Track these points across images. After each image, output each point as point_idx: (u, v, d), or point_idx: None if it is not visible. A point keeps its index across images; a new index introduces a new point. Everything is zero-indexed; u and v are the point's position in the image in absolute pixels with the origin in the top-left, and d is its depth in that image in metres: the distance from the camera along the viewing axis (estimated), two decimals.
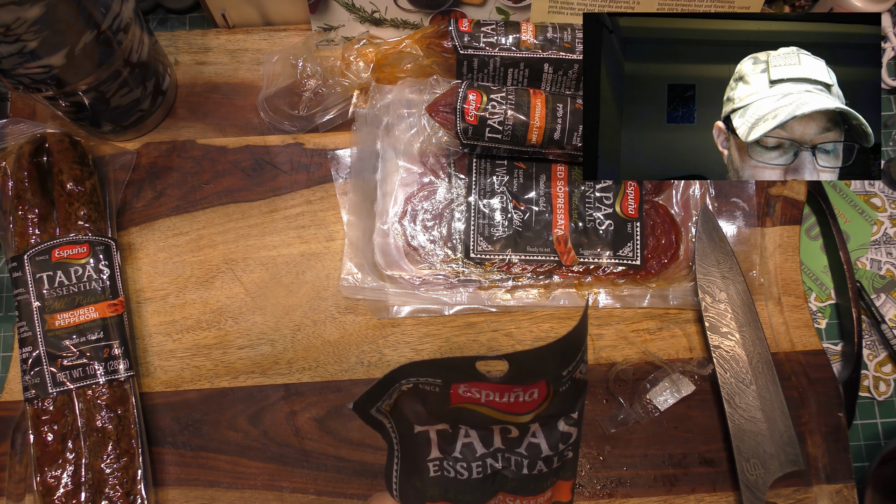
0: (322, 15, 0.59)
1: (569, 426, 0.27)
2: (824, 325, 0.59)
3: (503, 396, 0.25)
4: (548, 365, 0.25)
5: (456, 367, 0.25)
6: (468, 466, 0.27)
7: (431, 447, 0.27)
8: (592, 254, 0.53)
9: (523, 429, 0.27)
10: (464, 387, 0.26)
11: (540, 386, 0.25)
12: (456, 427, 0.27)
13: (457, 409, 0.26)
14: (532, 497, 0.28)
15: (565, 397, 0.26)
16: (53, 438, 0.48)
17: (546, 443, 0.27)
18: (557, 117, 0.51)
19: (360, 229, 0.55)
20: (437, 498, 0.28)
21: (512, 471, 0.28)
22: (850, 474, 0.51)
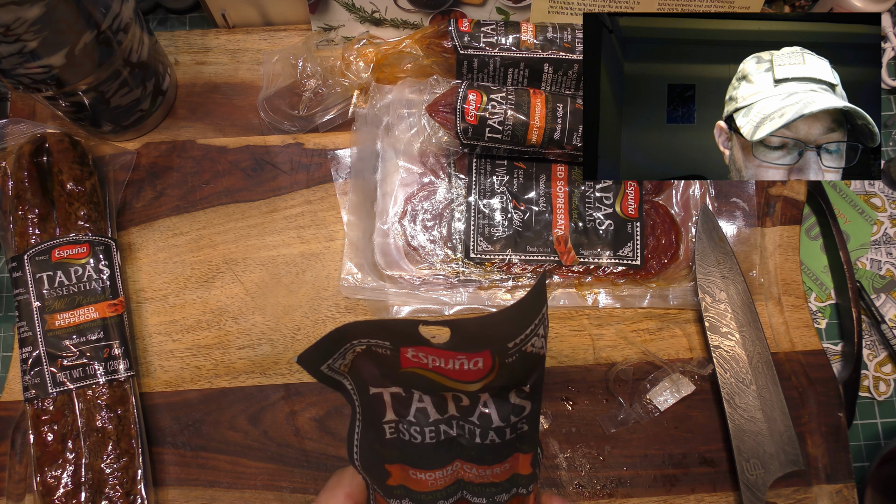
0: (322, 15, 0.59)
1: (521, 399, 0.27)
2: (824, 325, 0.59)
3: (448, 363, 0.26)
4: (490, 335, 0.25)
5: (400, 329, 0.25)
6: (422, 431, 0.27)
7: (387, 409, 0.28)
8: (592, 254, 0.53)
9: (473, 398, 0.27)
10: (412, 351, 0.26)
11: (484, 356, 0.25)
12: (409, 391, 0.27)
13: (407, 373, 0.26)
14: (489, 467, 0.28)
15: (514, 370, 0.26)
16: (53, 438, 0.48)
17: (497, 414, 0.27)
18: (557, 117, 0.51)
19: (360, 229, 0.55)
20: (394, 460, 0.28)
21: (466, 439, 0.28)
22: (850, 474, 0.51)
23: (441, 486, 0.29)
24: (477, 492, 0.30)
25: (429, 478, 0.29)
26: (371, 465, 0.29)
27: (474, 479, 0.29)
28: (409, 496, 0.29)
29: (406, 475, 0.29)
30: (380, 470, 0.29)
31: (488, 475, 0.29)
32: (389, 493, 0.29)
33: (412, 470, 0.29)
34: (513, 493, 0.30)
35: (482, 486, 0.29)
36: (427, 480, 0.29)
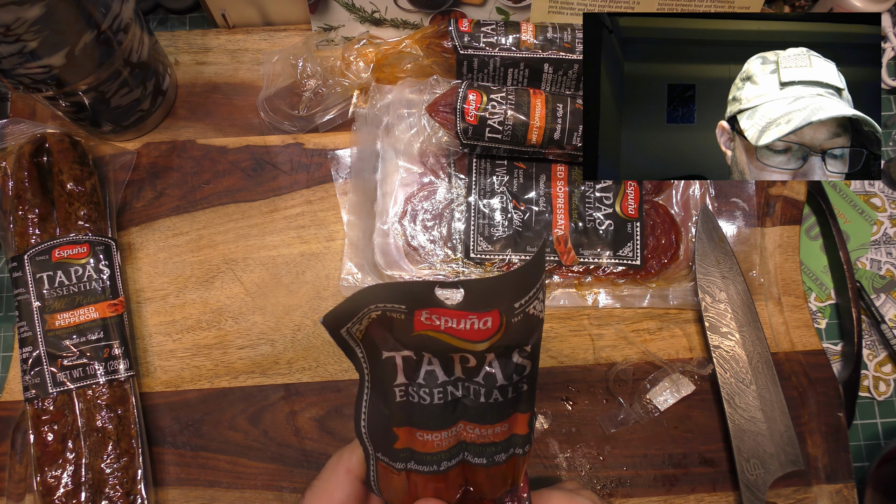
0: (322, 15, 0.59)
1: (522, 359, 0.29)
2: (824, 325, 0.59)
3: (460, 323, 0.28)
4: (500, 295, 0.27)
5: (418, 292, 0.27)
6: (430, 392, 0.30)
7: (398, 373, 0.30)
8: (592, 254, 0.53)
9: (480, 358, 0.29)
10: (426, 313, 0.28)
11: (493, 315, 0.28)
12: (420, 354, 0.29)
13: (420, 336, 0.28)
14: (490, 426, 0.31)
15: (518, 330, 0.28)
16: (53, 438, 0.48)
17: (501, 373, 0.29)
18: (557, 117, 0.51)
19: (360, 229, 0.55)
20: (402, 423, 0.30)
21: (471, 399, 0.30)
22: (850, 474, 0.51)
23: (445, 447, 0.31)
24: (477, 452, 0.32)
25: (434, 438, 0.30)
26: (378, 431, 0.31)
27: (475, 440, 0.31)
28: (414, 458, 0.31)
29: (412, 438, 0.31)
30: (387, 434, 0.31)
31: (489, 434, 0.31)
32: (395, 456, 0.31)
33: (419, 432, 0.30)
34: (510, 452, 0.32)
35: (482, 447, 0.31)
36: (433, 441, 0.31)
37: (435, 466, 0.31)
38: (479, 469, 0.32)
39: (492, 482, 0.33)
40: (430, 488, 0.32)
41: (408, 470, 0.31)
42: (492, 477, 0.33)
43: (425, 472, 0.31)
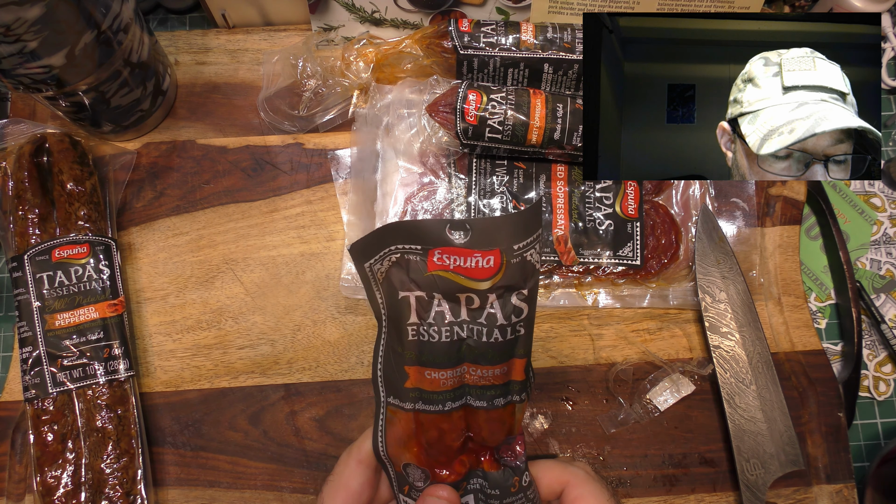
0: (322, 15, 0.59)
1: (520, 301, 0.33)
2: (824, 325, 0.59)
3: (466, 261, 0.31)
4: (501, 234, 0.31)
5: (432, 230, 0.31)
6: (438, 331, 0.33)
7: (411, 312, 0.33)
8: (592, 254, 0.53)
9: (483, 298, 0.32)
10: (438, 253, 0.31)
11: (495, 254, 0.31)
12: (431, 294, 0.32)
13: (432, 276, 0.32)
14: (490, 367, 0.34)
15: (516, 271, 0.32)
16: (53, 438, 0.48)
17: (501, 313, 0.33)
18: (557, 117, 0.51)
19: (360, 229, 0.55)
20: (412, 361, 0.33)
21: (474, 339, 0.33)
22: (850, 474, 0.51)
23: (450, 387, 0.34)
24: (478, 395, 0.35)
25: (441, 377, 0.33)
26: (392, 371, 0.34)
27: (477, 382, 0.34)
28: (422, 398, 0.34)
29: (421, 376, 0.34)
30: (399, 373, 0.34)
31: (489, 377, 0.34)
32: (405, 396, 0.34)
33: (427, 370, 0.33)
34: (508, 399, 0.35)
35: (483, 389, 0.34)
36: (439, 380, 0.34)
37: (440, 406, 0.34)
38: (479, 412, 0.35)
39: (490, 427, 0.36)
40: (435, 429, 0.35)
41: (415, 410, 0.34)
42: (491, 421, 0.35)
43: (431, 412, 0.34)
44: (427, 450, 0.35)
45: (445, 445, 0.36)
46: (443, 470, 0.36)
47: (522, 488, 0.37)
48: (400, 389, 0.34)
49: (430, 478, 0.36)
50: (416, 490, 0.36)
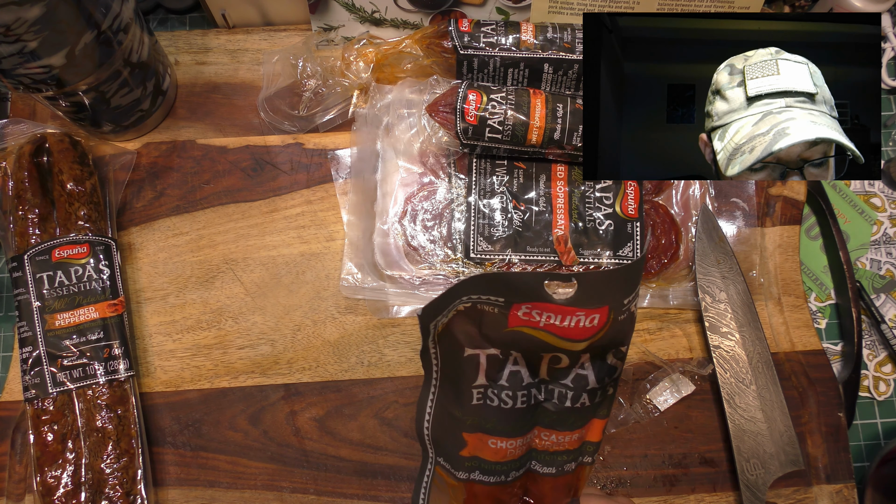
0: (322, 15, 0.59)
1: (616, 359, 0.28)
2: (824, 325, 0.59)
3: (564, 320, 0.26)
4: (613, 290, 0.26)
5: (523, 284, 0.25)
6: (513, 395, 0.27)
7: (479, 373, 0.28)
8: (592, 254, 0.53)
9: (574, 358, 0.27)
10: (525, 307, 0.26)
11: (602, 312, 0.26)
12: (506, 353, 0.27)
13: (513, 332, 0.26)
14: (568, 432, 0.29)
15: (620, 328, 0.27)
16: (53, 438, 0.48)
17: (594, 375, 0.28)
18: (557, 117, 0.51)
19: (360, 229, 0.55)
20: (474, 429, 0.28)
21: (554, 403, 0.28)
22: (850, 474, 0.51)
23: (517, 456, 0.29)
24: (547, 461, 0.30)
25: (508, 446, 0.29)
26: (444, 435, 0.29)
27: (548, 448, 0.30)
28: (479, 468, 0.29)
29: (483, 445, 0.29)
30: (455, 439, 0.29)
31: (564, 442, 0.29)
32: (459, 465, 0.29)
33: (492, 439, 0.28)
34: (579, 461, 0.31)
35: (554, 455, 0.30)
36: (505, 449, 0.29)
37: (503, 477, 0.29)
38: (545, 479, 0.30)
39: (555, 494, 0.31)
40: (491, 499, 0.30)
41: (471, 480, 0.30)
42: (557, 488, 0.31)
43: (490, 483, 0.29)
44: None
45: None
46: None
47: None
48: (454, 457, 0.29)
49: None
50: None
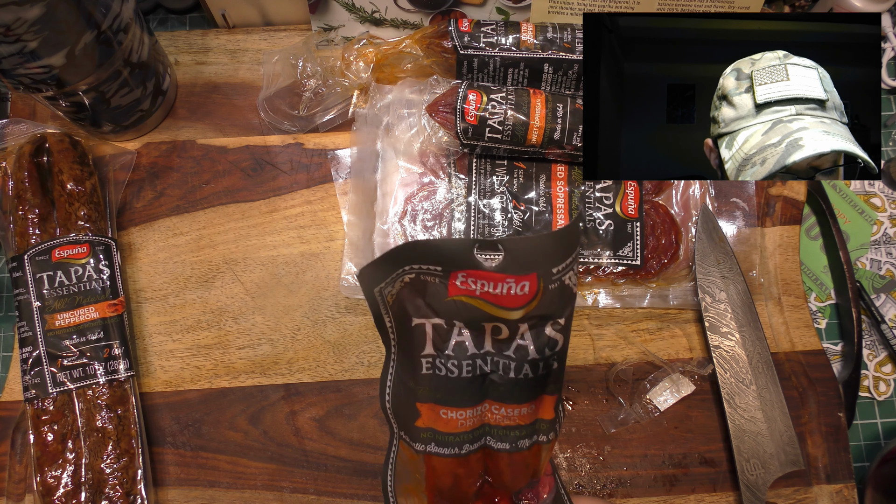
0: (322, 15, 0.59)
1: (555, 331, 0.28)
2: (824, 325, 0.59)
3: (497, 287, 0.27)
4: (539, 257, 0.27)
5: (456, 251, 0.26)
6: (458, 365, 0.29)
7: (426, 342, 0.29)
8: (592, 254, 0.53)
9: (513, 328, 0.28)
10: (462, 276, 0.27)
11: (531, 279, 0.27)
12: (451, 323, 0.28)
13: (454, 301, 0.27)
14: (516, 405, 0.29)
15: (553, 298, 0.28)
16: (53, 438, 0.48)
17: (533, 345, 0.28)
18: (557, 117, 0.51)
19: (361, 229, 0.55)
20: (426, 399, 0.29)
21: (500, 375, 0.29)
22: (850, 474, 0.51)
23: (469, 428, 0.30)
24: (501, 436, 0.30)
25: (458, 417, 0.29)
26: (401, 406, 0.30)
27: (500, 422, 0.30)
28: (434, 439, 0.30)
29: (436, 416, 0.29)
30: (410, 410, 0.30)
31: (514, 416, 0.30)
32: (416, 436, 0.30)
33: (443, 409, 0.29)
34: (534, 439, 0.31)
35: (506, 430, 0.30)
36: (456, 420, 0.29)
37: (456, 449, 0.30)
38: (501, 456, 0.31)
39: (513, 471, 0.32)
40: (450, 475, 0.31)
41: (427, 453, 0.30)
42: (513, 465, 0.31)
43: (446, 455, 0.30)
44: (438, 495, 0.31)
45: (460, 492, 0.31)
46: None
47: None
48: (411, 428, 0.30)
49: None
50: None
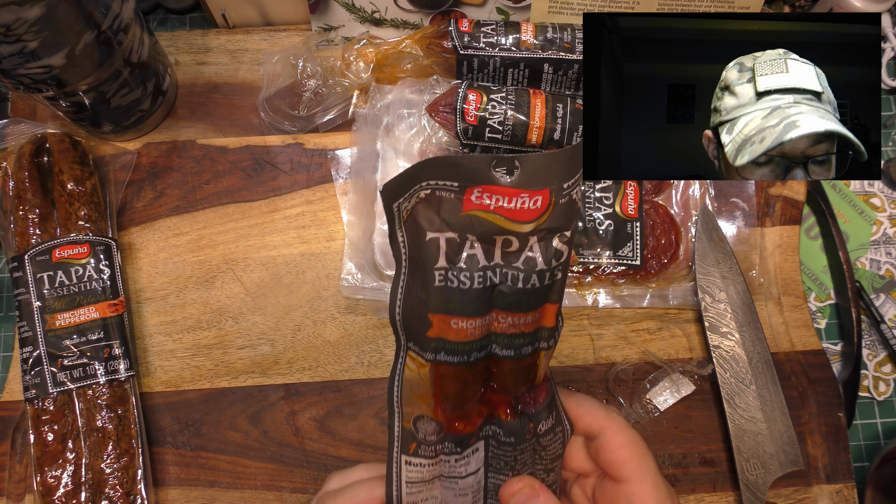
0: (322, 15, 0.59)
1: (562, 243, 0.30)
2: (824, 325, 0.59)
3: (511, 202, 0.29)
4: (553, 172, 0.29)
5: (474, 167, 0.28)
6: (471, 276, 0.30)
7: (440, 255, 0.30)
8: (592, 254, 0.53)
9: (523, 241, 0.30)
10: (477, 191, 0.29)
11: (544, 194, 0.29)
12: (463, 237, 0.30)
13: (468, 216, 0.29)
14: (522, 314, 0.31)
15: (562, 212, 0.30)
16: (53, 438, 0.48)
17: (542, 257, 0.30)
18: (557, 117, 0.51)
19: (360, 229, 0.55)
20: (437, 310, 0.31)
21: (508, 285, 0.31)
22: (850, 474, 0.51)
23: (477, 337, 0.32)
24: (506, 344, 0.32)
25: (468, 326, 0.31)
26: (412, 318, 0.32)
27: (506, 330, 0.32)
28: (444, 348, 0.31)
29: (446, 326, 0.31)
30: (422, 321, 0.31)
31: (519, 324, 0.32)
32: (427, 346, 0.32)
33: (454, 319, 0.31)
34: (536, 346, 0.33)
35: (511, 338, 0.32)
36: (466, 329, 0.31)
37: (465, 357, 0.32)
38: (505, 362, 0.33)
39: (516, 376, 0.34)
40: (457, 381, 0.33)
41: (437, 361, 0.32)
42: (516, 371, 0.33)
43: (455, 363, 0.32)
44: (445, 401, 0.33)
45: (466, 397, 0.34)
46: (458, 422, 0.34)
47: (537, 435, 0.35)
48: (421, 338, 0.32)
49: (443, 430, 0.34)
50: (428, 444, 0.34)
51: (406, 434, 0.34)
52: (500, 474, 0.36)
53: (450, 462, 0.35)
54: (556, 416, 0.36)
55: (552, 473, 0.37)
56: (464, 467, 0.35)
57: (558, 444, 0.36)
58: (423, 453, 0.34)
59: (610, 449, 0.36)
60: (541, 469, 0.37)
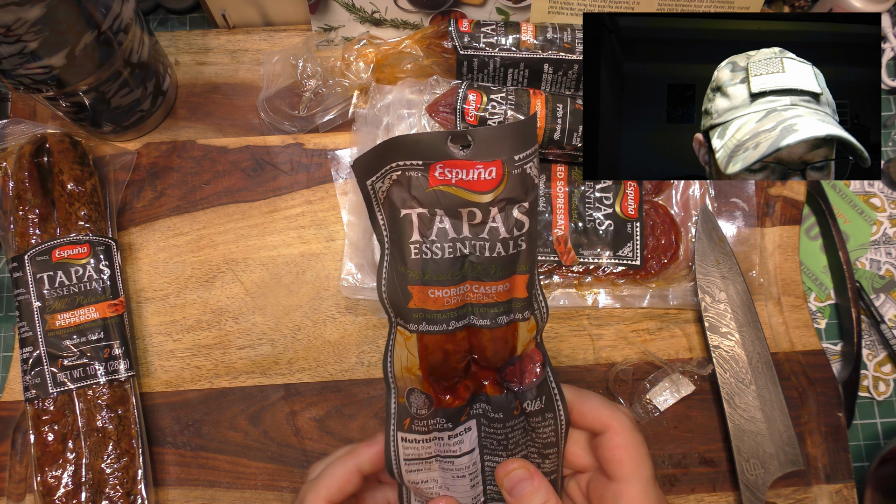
0: (322, 15, 0.59)
1: (521, 214, 0.33)
2: (824, 325, 0.59)
3: (468, 173, 0.32)
4: (503, 145, 0.31)
5: (433, 143, 0.31)
6: (441, 247, 0.33)
7: (413, 230, 0.33)
8: (592, 254, 0.53)
9: (485, 211, 0.33)
10: (440, 167, 0.32)
11: (497, 164, 0.32)
12: (433, 211, 0.33)
13: (434, 191, 0.32)
14: (493, 282, 0.34)
15: (517, 183, 0.32)
16: (54, 438, 0.48)
17: (503, 226, 0.33)
18: (557, 117, 0.51)
19: (361, 229, 0.55)
20: (416, 281, 0.34)
21: (477, 256, 0.33)
22: (849, 474, 0.51)
23: (454, 306, 0.34)
24: (482, 313, 0.35)
25: (444, 294, 0.34)
26: (395, 292, 0.34)
27: (480, 300, 0.34)
28: (426, 318, 0.34)
29: (425, 296, 0.34)
30: (403, 294, 0.34)
31: (492, 293, 0.34)
32: (410, 317, 0.34)
33: (430, 288, 0.34)
34: (511, 317, 0.35)
35: (486, 307, 0.35)
36: (443, 298, 0.34)
37: (444, 325, 0.34)
38: (482, 332, 0.35)
39: (494, 346, 0.35)
40: (440, 350, 0.35)
41: (419, 332, 0.34)
42: (494, 340, 0.35)
43: (435, 332, 0.34)
44: (431, 372, 0.35)
45: (450, 367, 0.36)
46: (446, 395, 0.36)
47: (525, 413, 0.37)
48: (404, 310, 0.34)
49: (433, 405, 0.36)
50: (419, 419, 0.36)
51: (401, 410, 0.36)
52: (495, 455, 0.38)
53: (443, 439, 0.37)
54: (548, 402, 0.37)
55: (547, 461, 0.38)
56: (458, 446, 0.37)
57: (549, 431, 0.37)
58: (417, 428, 0.36)
59: (608, 447, 0.37)
60: (534, 453, 0.38)
